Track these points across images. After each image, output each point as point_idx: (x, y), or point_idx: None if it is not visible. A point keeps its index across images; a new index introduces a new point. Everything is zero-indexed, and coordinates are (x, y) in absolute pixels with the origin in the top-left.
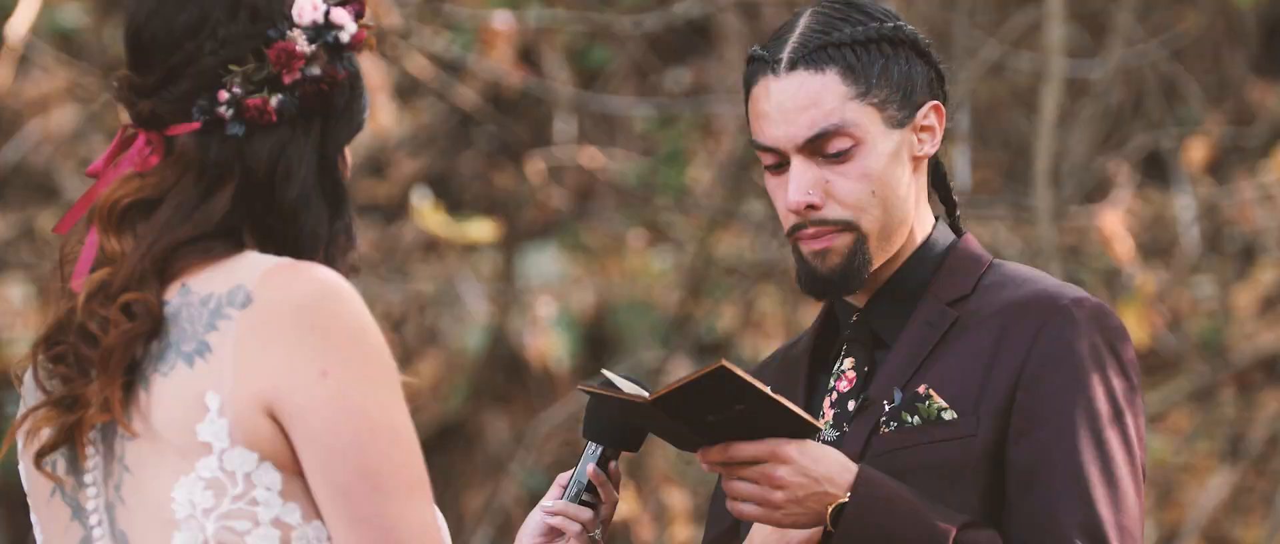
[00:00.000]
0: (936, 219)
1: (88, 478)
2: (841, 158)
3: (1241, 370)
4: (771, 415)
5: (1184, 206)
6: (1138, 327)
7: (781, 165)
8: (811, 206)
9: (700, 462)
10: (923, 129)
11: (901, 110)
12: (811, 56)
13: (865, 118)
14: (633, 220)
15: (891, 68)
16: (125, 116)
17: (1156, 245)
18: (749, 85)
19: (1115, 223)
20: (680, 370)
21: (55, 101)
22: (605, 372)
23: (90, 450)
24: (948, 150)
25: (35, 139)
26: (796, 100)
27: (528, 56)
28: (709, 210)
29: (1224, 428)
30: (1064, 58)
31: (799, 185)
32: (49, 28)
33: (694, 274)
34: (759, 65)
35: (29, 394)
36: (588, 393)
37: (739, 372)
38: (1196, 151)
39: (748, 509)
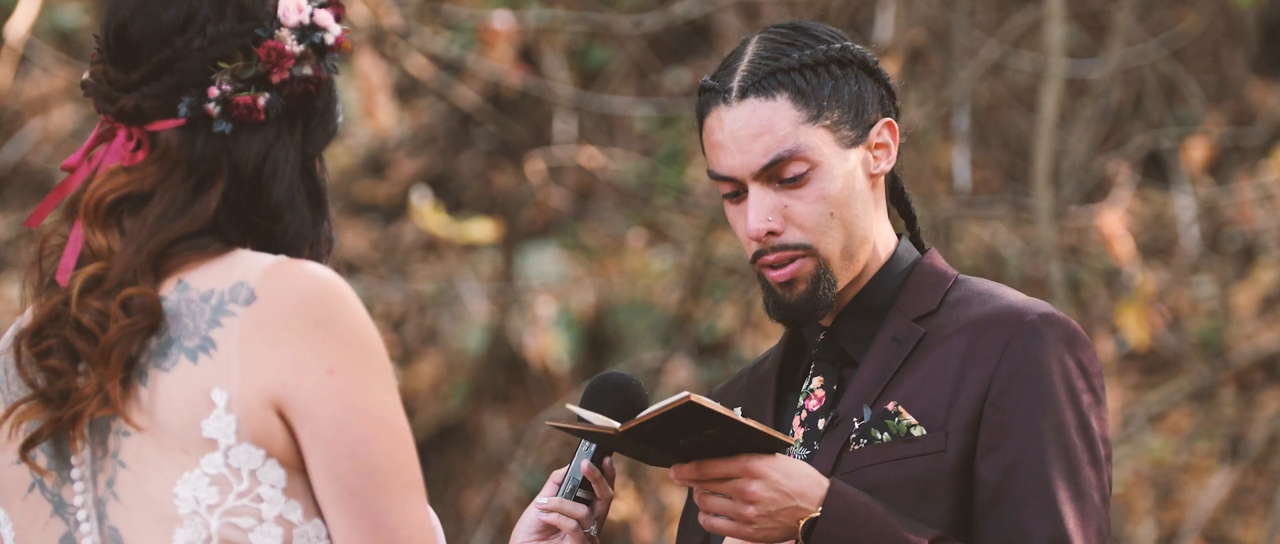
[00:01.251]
0: (900, 236)
1: (74, 473)
2: (798, 182)
3: (1241, 370)
4: (742, 436)
5: (1184, 207)
6: (1138, 326)
7: (739, 193)
8: (772, 232)
9: (673, 478)
10: (877, 146)
11: (854, 130)
12: (761, 83)
13: (819, 140)
14: (633, 220)
15: (841, 89)
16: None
17: (1156, 245)
18: (702, 116)
19: (1115, 223)
20: (680, 370)
21: (55, 101)
22: (571, 407)
23: (79, 444)
24: (947, 150)
25: (35, 139)
26: (749, 128)
27: (528, 56)
28: (709, 210)
29: (1224, 428)
30: (1064, 58)
31: (758, 213)
32: (49, 28)
33: (694, 274)
34: (710, 96)
35: (10, 388)
36: (558, 428)
37: (706, 403)
38: (1196, 151)
39: (721, 524)
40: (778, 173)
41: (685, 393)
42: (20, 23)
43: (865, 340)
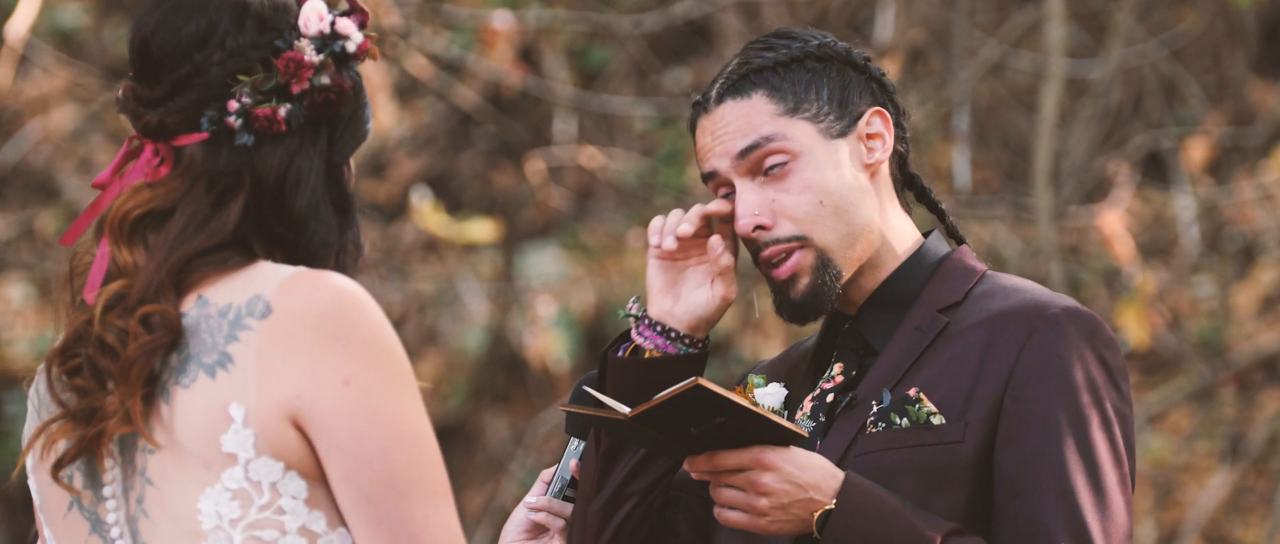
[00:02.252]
0: (931, 230)
1: (107, 491)
2: (781, 173)
3: (1241, 370)
4: (754, 425)
5: (1184, 206)
6: (1138, 326)
7: (731, 195)
8: (761, 227)
9: (687, 470)
10: (870, 136)
11: (840, 121)
12: (736, 86)
13: (798, 131)
14: (633, 220)
15: (820, 82)
16: (130, 126)
17: (1156, 245)
18: (692, 131)
19: (1115, 223)
20: None
21: (55, 101)
22: (586, 387)
23: (108, 463)
24: (947, 150)
25: (35, 139)
26: (728, 127)
27: (528, 56)
28: None
29: (1224, 428)
30: (1064, 58)
31: (745, 210)
32: (49, 28)
33: None
34: (695, 109)
35: (43, 407)
36: (570, 412)
37: (714, 387)
38: (1196, 151)
39: (734, 517)
40: (759, 164)
41: (693, 377)
42: (20, 23)
43: (888, 330)
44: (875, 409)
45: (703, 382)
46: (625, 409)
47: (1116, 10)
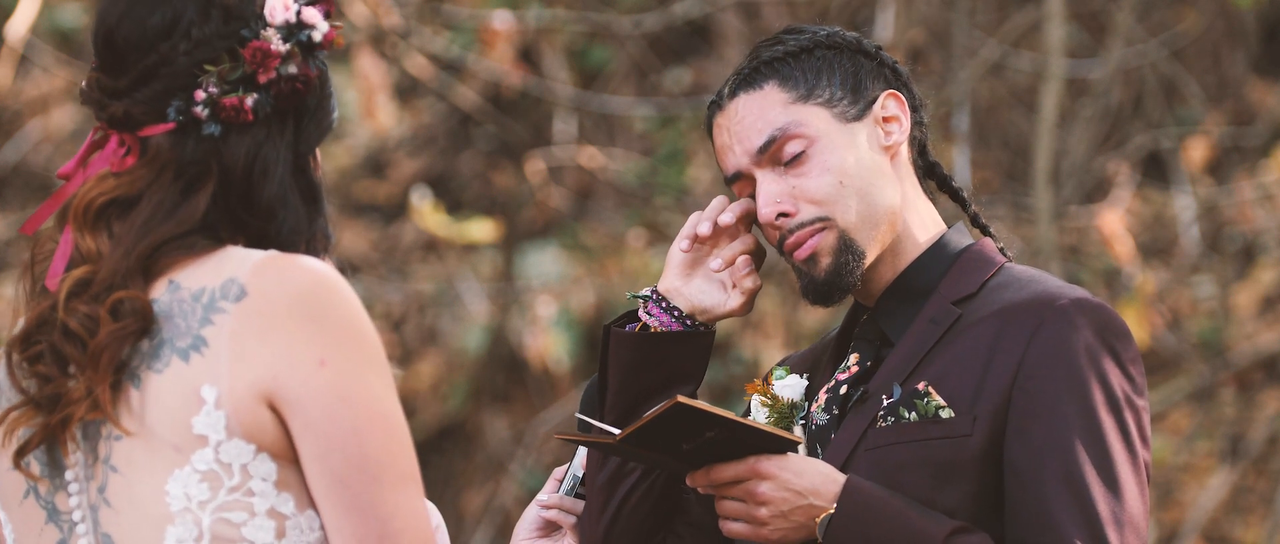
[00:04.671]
0: (956, 223)
1: (69, 476)
2: (800, 160)
3: (1241, 370)
4: (747, 436)
5: (1184, 207)
6: (1138, 326)
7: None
8: (784, 214)
9: (690, 485)
10: (886, 120)
11: (854, 105)
12: (747, 80)
13: (813, 117)
14: (633, 220)
15: (831, 68)
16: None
17: (1156, 245)
18: (709, 132)
19: (1115, 223)
20: None
21: (55, 101)
22: (580, 415)
23: (72, 449)
24: (947, 150)
25: (35, 139)
26: (744, 120)
27: (528, 56)
28: None
29: (1224, 428)
30: (1064, 58)
31: (767, 198)
32: (49, 28)
33: None
34: (711, 109)
35: (3, 394)
36: (562, 438)
37: (696, 404)
38: (1196, 151)
39: (737, 528)
40: (778, 154)
41: (674, 396)
42: (20, 23)
43: (905, 322)
44: (885, 403)
45: (683, 399)
46: (614, 431)
47: (1116, 10)
